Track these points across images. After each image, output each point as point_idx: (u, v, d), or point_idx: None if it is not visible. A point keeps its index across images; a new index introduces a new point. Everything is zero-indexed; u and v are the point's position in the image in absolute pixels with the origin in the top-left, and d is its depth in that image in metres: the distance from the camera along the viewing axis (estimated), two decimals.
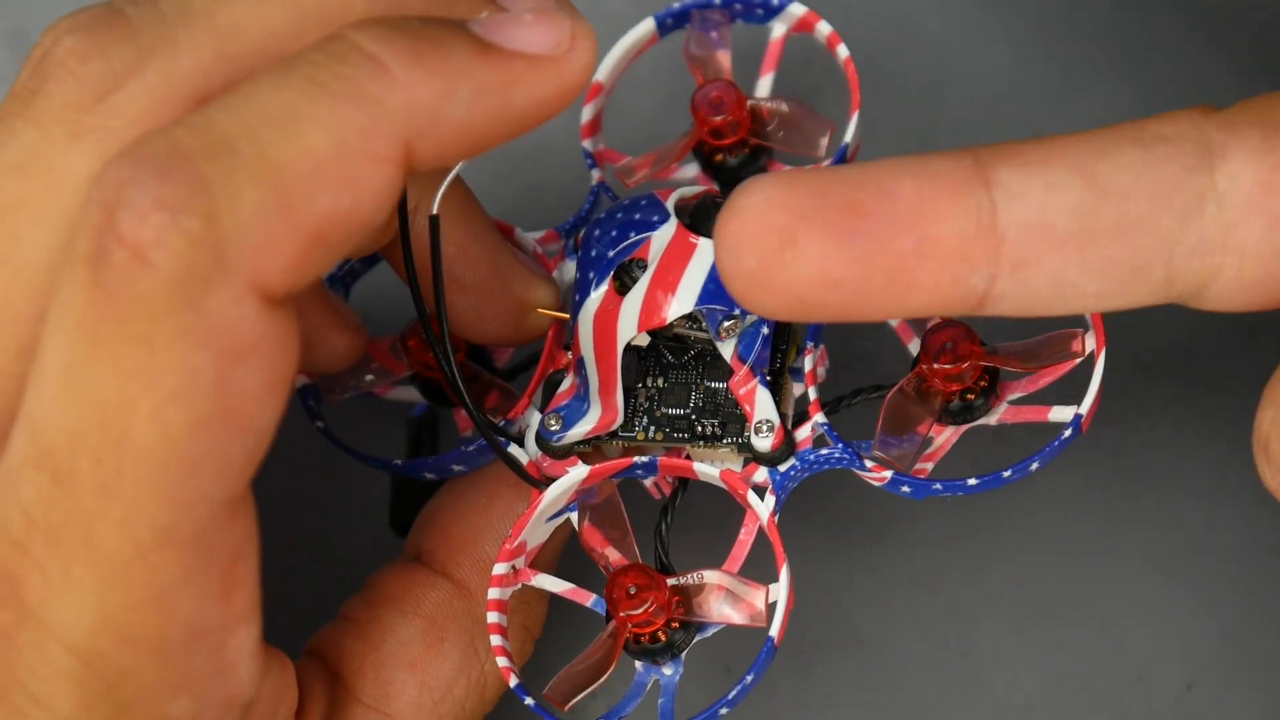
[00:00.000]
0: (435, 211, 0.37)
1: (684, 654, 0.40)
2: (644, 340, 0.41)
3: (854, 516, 0.46)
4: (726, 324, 0.40)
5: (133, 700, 0.33)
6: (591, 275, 0.40)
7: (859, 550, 0.37)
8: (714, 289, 0.39)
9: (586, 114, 0.45)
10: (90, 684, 0.33)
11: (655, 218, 0.40)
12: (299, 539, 0.47)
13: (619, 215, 0.41)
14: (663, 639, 0.39)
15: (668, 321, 0.39)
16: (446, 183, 0.37)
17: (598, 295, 0.40)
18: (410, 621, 0.41)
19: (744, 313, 0.40)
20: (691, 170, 0.45)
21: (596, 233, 0.41)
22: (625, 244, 0.40)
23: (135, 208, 0.31)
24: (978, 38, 0.51)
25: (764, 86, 0.45)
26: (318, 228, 0.32)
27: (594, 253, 0.40)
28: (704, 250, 0.40)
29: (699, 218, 0.40)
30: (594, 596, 0.40)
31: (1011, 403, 0.40)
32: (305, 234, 0.32)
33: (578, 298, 0.40)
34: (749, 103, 0.44)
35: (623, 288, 0.40)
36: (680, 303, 0.39)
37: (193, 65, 0.35)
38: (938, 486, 0.39)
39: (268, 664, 0.36)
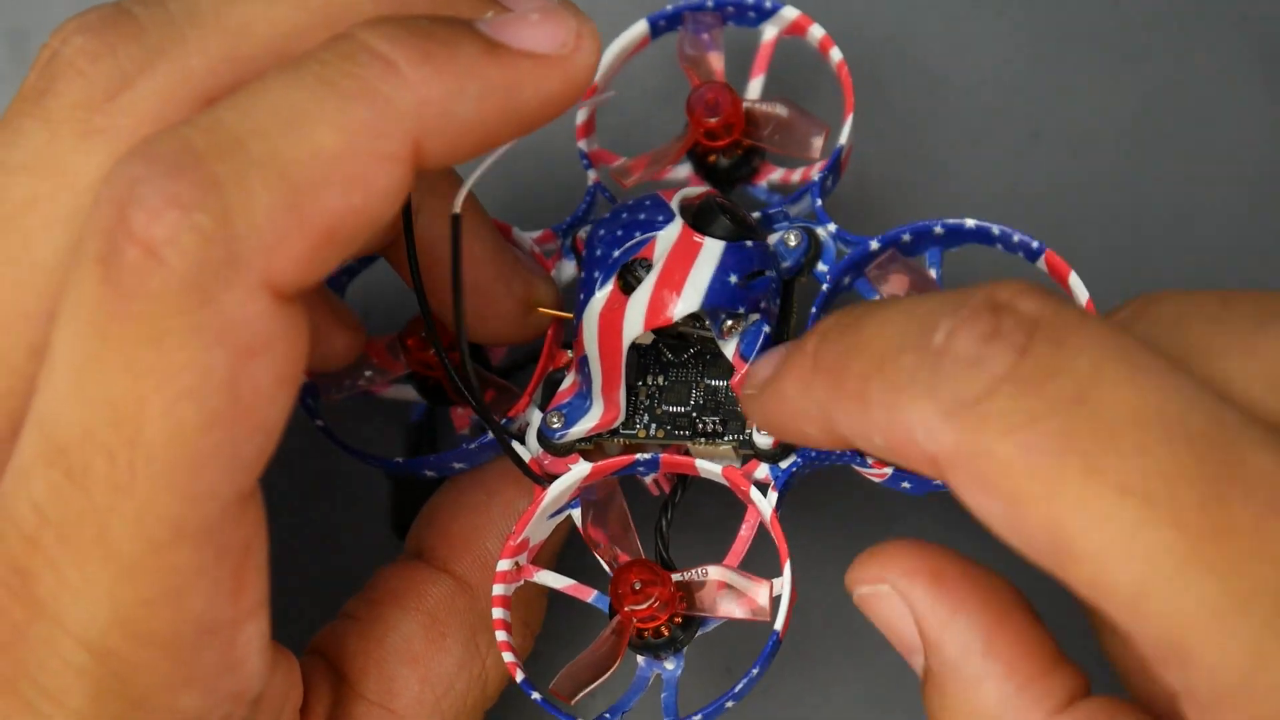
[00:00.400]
0: (458, 210, 0.37)
1: (685, 649, 0.40)
2: (647, 338, 0.41)
3: (854, 513, 0.47)
4: (729, 323, 0.40)
5: (144, 695, 0.33)
6: (596, 274, 0.40)
7: (859, 546, 0.37)
8: (719, 288, 0.40)
9: (581, 115, 0.45)
10: (102, 679, 0.33)
11: (660, 218, 0.41)
12: (300, 538, 0.47)
13: (624, 215, 0.41)
14: (665, 634, 0.40)
15: (674, 320, 0.40)
16: (471, 181, 0.37)
17: (603, 294, 0.40)
18: (412, 617, 0.41)
19: (746, 312, 0.40)
20: (684, 171, 0.45)
21: (601, 232, 0.41)
22: (630, 243, 0.40)
23: (147, 205, 0.31)
24: (978, 38, 0.51)
25: (755, 89, 0.45)
26: (328, 226, 0.32)
27: (599, 252, 0.41)
28: (709, 249, 0.40)
29: (702, 218, 0.41)
30: (595, 592, 0.40)
31: None
32: (316, 232, 0.32)
33: (582, 297, 0.41)
34: (744, 104, 0.44)
35: (627, 287, 0.40)
36: (687, 302, 0.39)
37: (201, 65, 0.35)
38: (938, 482, 0.40)
39: (274, 660, 0.36)
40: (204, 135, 0.32)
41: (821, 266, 0.43)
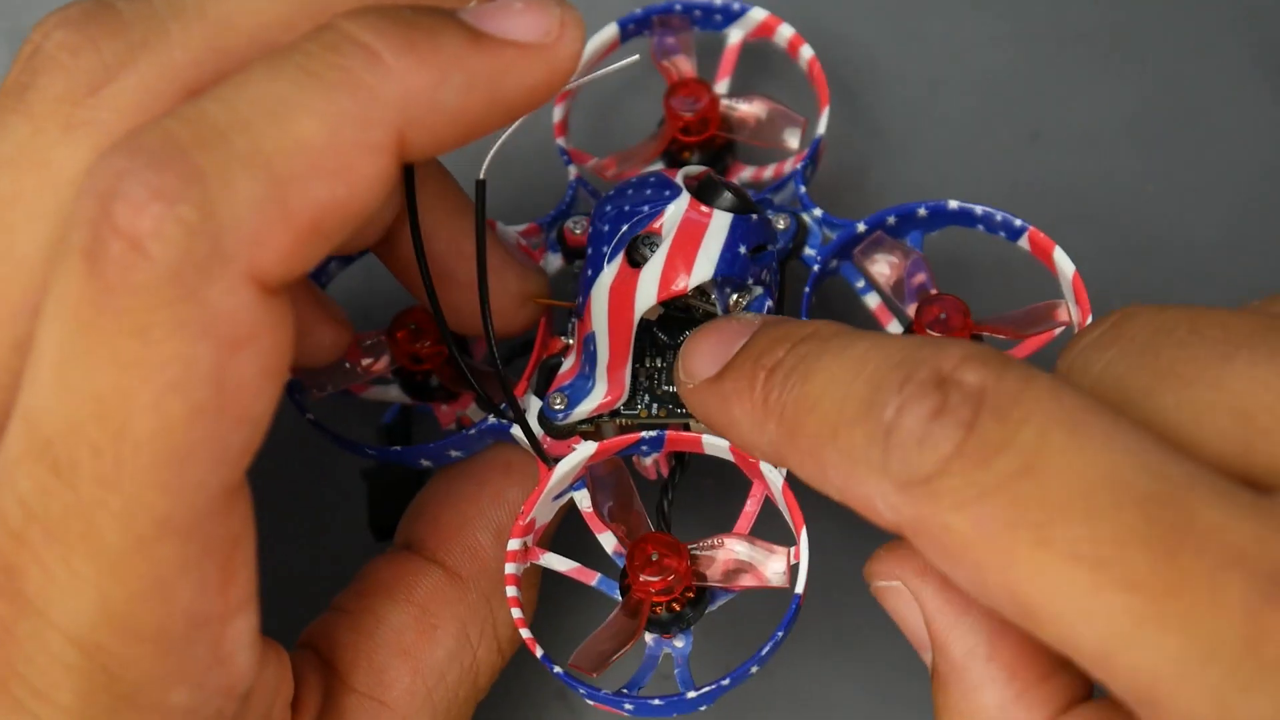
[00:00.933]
0: (483, 176, 0.37)
1: (692, 627, 0.40)
2: (652, 315, 0.41)
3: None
4: (735, 297, 0.40)
5: (133, 691, 0.33)
6: (605, 250, 0.40)
7: (859, 542, 0.37)
8: (731, 259, 0.40)
9: (556, 114, 0.46)
10: (91, 675, 0.33)
11: (667, 192, 0.41)
12: (290, 531, 0.47)
13: (629, 191, 0.41)
14: (677, 609, 0.39)
15: (689, 290, 0.40)
16: (495, 147, 0.37)
17: (611, 270, 0.40)
18: (403, 609, 0.41)
19: (752, 285, 0.40)
20: (656, 166, 0.45)
21: (608, 208, 0.41)
22: (638, 218, 0.40)
23: (131, 198, 0.31)
24: (978, 38, 0.51)
25: (721, 91, 0.45)
26: (313, 217, 0.32)
27: (606, 228, 0.40)
28: (718, 221, 0.40)
29: (706, 193, 0.41)
30: (598, 575, 0.40)
31: None
32: (301, 224, 0.32)
33: (590, 273, 0.40)
34: (721, 101, 0.44)
35: (635, 262, 0.40)
36: (700, 272, 0.39)
37: (184, 58, 0.35)
38: None
39: (264, 654, 0.36)
40: (187, 127, 0.32)
41: (809, 251, 0.43)
